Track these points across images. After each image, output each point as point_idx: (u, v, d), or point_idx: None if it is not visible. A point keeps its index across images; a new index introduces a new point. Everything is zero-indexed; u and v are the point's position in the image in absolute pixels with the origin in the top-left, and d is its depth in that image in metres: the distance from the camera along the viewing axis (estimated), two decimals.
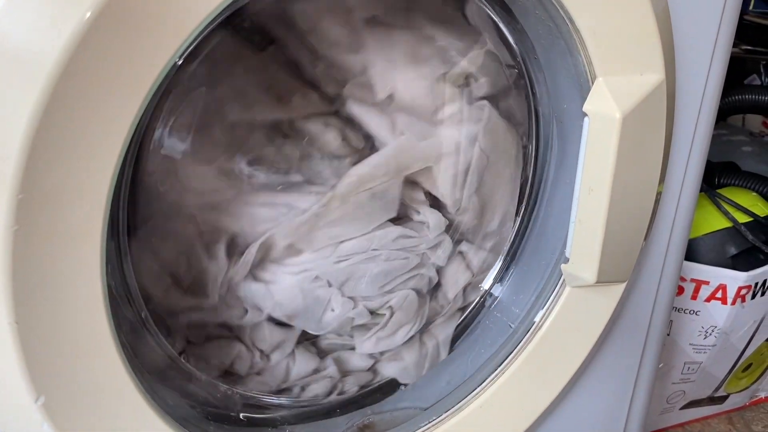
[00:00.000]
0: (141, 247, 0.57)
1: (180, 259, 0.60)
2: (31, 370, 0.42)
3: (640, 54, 0.59)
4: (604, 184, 0.60)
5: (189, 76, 0.55)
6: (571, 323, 0.68)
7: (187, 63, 0.54)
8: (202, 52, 0.55)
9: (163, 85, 0.43)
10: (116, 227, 0.55)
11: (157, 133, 0.56)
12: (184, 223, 0.59)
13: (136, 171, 0.55)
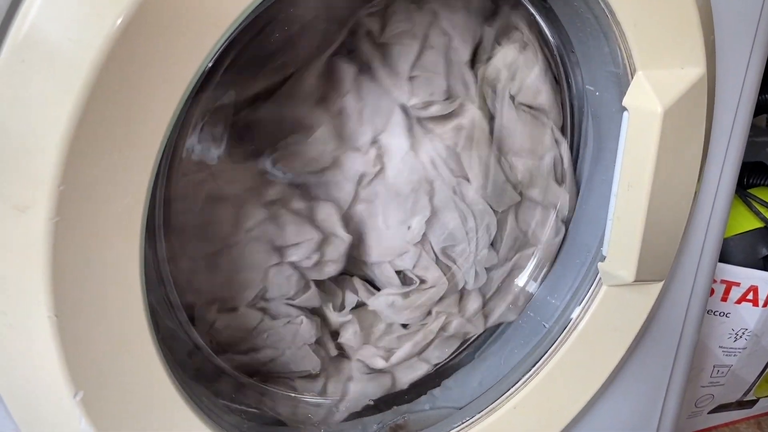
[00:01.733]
0: (175, 244, 0.57)
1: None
2: (69, 364, 0.42)
3: (681, 47, 0.58)
4: (643, 181, 0.58)
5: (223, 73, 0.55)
6: (608, 323, 0.67)
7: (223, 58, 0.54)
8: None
9: (202, 78, 0.42)
10: (153, 222, 0.55)
11: (191, 131, 0.56)
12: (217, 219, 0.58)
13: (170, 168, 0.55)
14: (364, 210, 0.65)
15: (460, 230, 0.68)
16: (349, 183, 0.63)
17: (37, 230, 0.38)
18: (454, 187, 0.67)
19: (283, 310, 0.65)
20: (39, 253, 0.39)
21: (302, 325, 0.66)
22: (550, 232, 0.72)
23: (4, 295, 0.40)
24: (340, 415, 0.69)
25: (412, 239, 0.67)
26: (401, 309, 0.69)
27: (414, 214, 0.65)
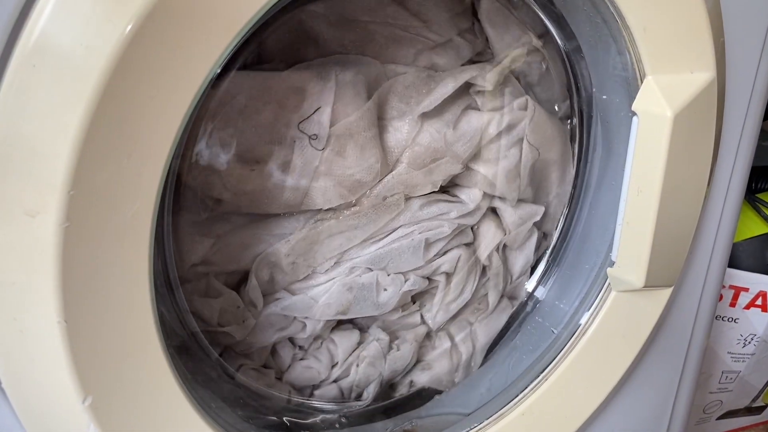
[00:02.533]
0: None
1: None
2: (78, 369, 0.42)
3: (690, 52, 0.57)
4: (653, 185, 0.58)
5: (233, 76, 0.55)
6: (617, 328, 0.66)
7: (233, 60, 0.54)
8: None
9: (212, 82, 0.42)
10: (161, 228, 0.55)
11: (200, 137, 0.56)
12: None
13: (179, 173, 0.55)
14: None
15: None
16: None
17: (47, 235, 0.38)
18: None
19: (345, 366, 0.67)
20: (49, 259, 0.39)
21: (369, 355, 0.67)
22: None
23: (14, 301, 0.40)
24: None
25: (395, 294, 0.65)
26: (455, 300, 0.69)
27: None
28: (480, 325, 0.72)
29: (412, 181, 0.61)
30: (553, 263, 0.75)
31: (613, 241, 0.63)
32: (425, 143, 0.61)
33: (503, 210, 0.70)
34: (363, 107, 0.57)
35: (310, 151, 0.56)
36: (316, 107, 0.56)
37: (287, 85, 0.55)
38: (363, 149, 0.58)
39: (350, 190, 0.58)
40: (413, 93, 0.61)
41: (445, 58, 0.62)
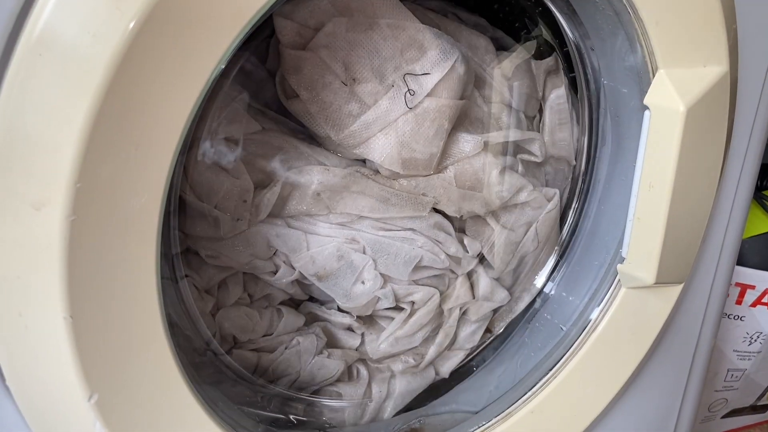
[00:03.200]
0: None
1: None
2: (85, 366, 0.41)
3: (703, 45, 0.57)
4: (665, 180, 0.57)
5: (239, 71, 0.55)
6: (627, 325, 0.65)
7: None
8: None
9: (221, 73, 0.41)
10: (168, 226, 0.54)
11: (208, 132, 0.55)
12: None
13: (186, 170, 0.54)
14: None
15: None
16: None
17: (53, 229, 0.38)
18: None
19: (275, 340, 0.65)
20: (55, 253, 0.38)
21: (301, 344, 0.65)
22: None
23: (19, 296, 0.39)
24: (388, 413, 0.70)
25: (369, 292, 0.65)
26: (406, 336, 0.68)
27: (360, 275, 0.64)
28: (401, 378, 0.71)
29: (449, 193, 0.63)
30: (561, 259, 0.74)
31: (624, 237, 0.63)
32: (476, 167, 0.63)
33: (481, 276, 0.71)
34: (456, 101, 0.59)
35: (399, 102, 0.57)
36: (427, 72, 0.57)
37: (417, 38, 0.57)
38: (435, 134, 0.59)
39: (404, 162, 0.59)
40: (479, 125, 0.65)
41: (510, 120, 0.67)
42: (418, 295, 0.67)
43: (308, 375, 0.67)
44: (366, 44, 0.56)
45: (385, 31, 0.56)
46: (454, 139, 0.62)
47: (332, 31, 0.55)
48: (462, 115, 0.62)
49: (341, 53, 0.55)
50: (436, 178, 0.62)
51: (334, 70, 0.55)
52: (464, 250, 0.67)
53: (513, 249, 0.70)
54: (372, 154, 0.58)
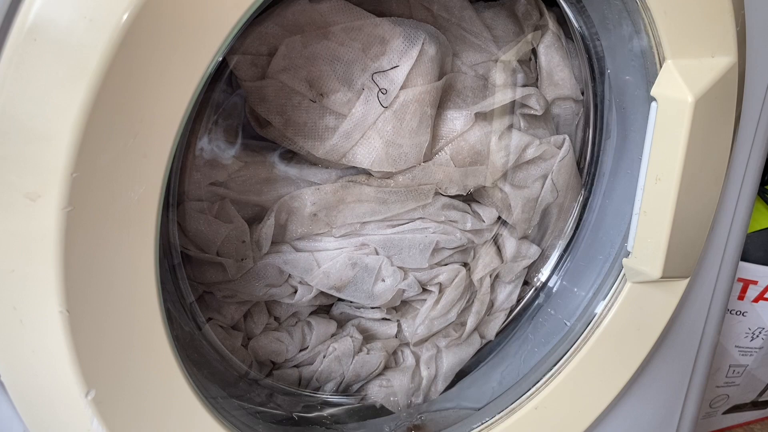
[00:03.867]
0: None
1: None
2: (82, 362, 0.40)
3: (712, 35, 0.56)
4: (672, 173, 0.56)
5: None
6: (632, 320, 0.65)
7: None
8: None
9: (220, 62, 0.40)
10: (166, 220, 0.53)
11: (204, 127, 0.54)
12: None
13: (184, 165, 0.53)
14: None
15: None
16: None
17: (48, 220, 0.36)
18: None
19: (312, 352, 0.65)
20: (50, 245, 0.37)
21: (338, 350, 0.65)
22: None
23: (14, 289, 0.38)
24: (440, 387, 0.70)
25: (391, 288, 0.64)
26: (441, 316, 0.67)
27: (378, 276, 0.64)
28: (447, 352, 0.71)
29: (449, 175, 0.61)
30: (566, 253, 0.73)
31: (629, 230, 0.62)
32: (471, 141, 0.61)
33: (506, 239, 0.70)
34: (434, 83, 0.57)
35: (374, 104, 0.55)
36: (395, 65, 0.55)
37: (376, 33, 0.55)
38: (419, 124, 0.57)
39: (394, 160, 0.57)
40: (470, 93, 0.62)
41: (501, 76, 0.63)
42: (443, 275, 0.66)
43: (353, 374, 0.67)
44: (324, 55, 0.54)
45: (341, 37, 0.54)
46: (441, 119, 0.60)
47: (286, 52, 0.53)
48: (448, 89, 0.60)
49: (302, 71, 0.54)
50: (432, 165, 0.60)
51: (299, 90, 0.54)
52: (480, 221, 0.66)
53: (532, 206, 0.68)
54: (359, 161, 0.57)
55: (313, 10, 0.54)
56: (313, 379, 0.66)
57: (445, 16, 0.61)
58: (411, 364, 0.69)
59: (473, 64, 0.62)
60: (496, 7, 0.63)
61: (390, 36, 0.55)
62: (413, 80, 0.56)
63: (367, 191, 0.58)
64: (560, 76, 0.66)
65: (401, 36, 0.55)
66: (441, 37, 0.59)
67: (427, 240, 0.62)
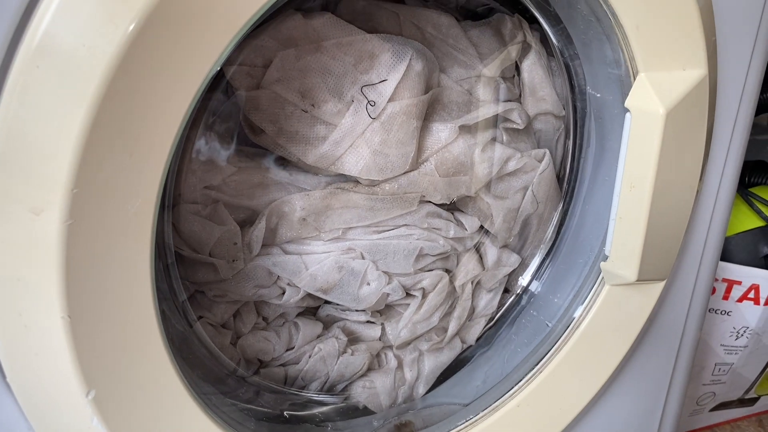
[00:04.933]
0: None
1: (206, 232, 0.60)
2: (82, 364, 0.43)
3: (683, 49, 0.58)
4: (646, 181, 0.59)
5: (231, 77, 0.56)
6: (610, 321, 0.67)
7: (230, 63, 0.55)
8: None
9: (212, 80, 0.43)
10: (162, 222, 0.55)
11: (201, 132, 0.56)
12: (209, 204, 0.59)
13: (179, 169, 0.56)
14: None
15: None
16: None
17: (51, 233, 0.39)
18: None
19: (298, 352, 0.68)
20: (53, 255, 0.40)
21: (323, 350, 0.67)
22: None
23: (19, 297, 0.41)
24: (422, 390, 0.73)
25: (376, 291, 0.67)
26: (423, 320, 0.70)
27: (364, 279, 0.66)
28: (429, 355, 0.74)
29: (434, 184, 0.64)
30: (547, 257, 0.76)
31: (607, 235, 0.64)
32: (455, 153, 0.64)
33: (488, 248, 0.73)
34: (420, 97, 0.60)
35: (363, 115, 0.58)
36: (383, 79, 0.58)
37: (366, 48, 0.58)
38: (406, 135, 0.60)
39: (381, 169, 0.60)
40: (455, 107, 0.65)
41: (486, 91, 0.66)
42: (427, 281, 0.69)
43: (337, 374, 0.69)
44: (316, 68, 0.57)
45: (333, 51, 0.57)
46: (427, 131, 0.63)
47: (281, 64, 0.56)
48: (434, 103, 0.63)
49: (295, 83, 0.56)
50: (417, 174, 0.63)
51: (292, 100, 0.57)
52: (463, 229, 0.69)
53: (513, 216, 0.71)
54: (347, 169, 0.59)
55: (307, 25, 0.56)
56: (298, 378, 0.68)
57: (433, 33, 0.64)
58: (394, 366, 0.72)
59: (459, 80, 0.65)
60: (482, 26, 0.66)
61: (379, 51, 0.58)
62: (400, 93, 0.59)
63: (354, 198, 0.61)
64: (543, 92, 0.69)
65: (390, 51, 0.58)
66: (428, 53, 0.61)
67: (411, 246, 0.65)
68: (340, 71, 0.57)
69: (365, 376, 0.71)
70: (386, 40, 0.58)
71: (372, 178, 0.60)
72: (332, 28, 0.57)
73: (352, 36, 0.57)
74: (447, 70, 0.65)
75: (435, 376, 0.74)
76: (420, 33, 0.63)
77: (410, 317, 0.69)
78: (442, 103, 0.64)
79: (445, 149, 0.63)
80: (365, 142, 0.59)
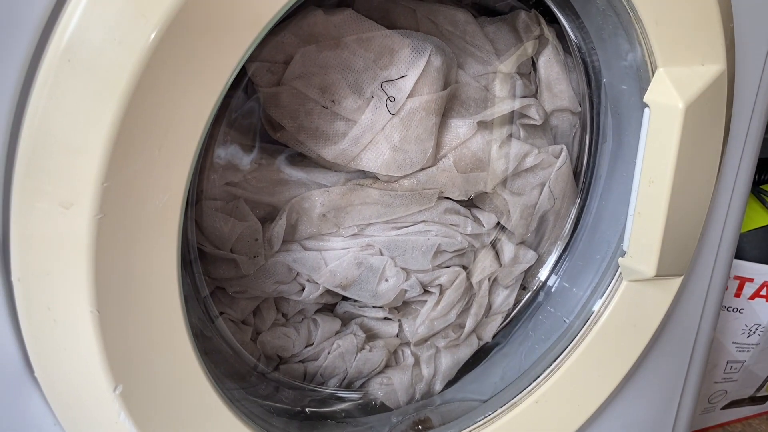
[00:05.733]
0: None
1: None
2: (110, 359, 0.43)
3: (701, 43, 0.58)
4: (665, 176, 0.59)
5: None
6: (628, 317, 0.67)
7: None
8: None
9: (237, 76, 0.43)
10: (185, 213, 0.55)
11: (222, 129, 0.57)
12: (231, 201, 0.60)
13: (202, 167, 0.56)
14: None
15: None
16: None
17: (80, 227, 0.39)
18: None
19: (317, 348, 0.68)
20: (82, 249, 0.40)
21: (342, 347, 0.68)
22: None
23: (49, 291, 0.41)
24: (439, 386, 0.73)
25: (394, 288, 0.67)
26: (441, 317, 0.70)
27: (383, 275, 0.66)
28: (446, 352, 0.74)
29: (452, 180, 0.64)
30: (564, 253, 0.76)
31: (625, 231, 0.64)
32: (473, 149, 0.64)
33: (504, 244, 0.73)
34: (439, 92, 0.60)
35: (382, 111, 0.58)
36: (403, 74, 0.58)
37: (387, 44, 0.58)
38: (425, 131, 0.60)
39: (400, 165, 0.60)
40: (472, 103, 0.65)
41: (503, 87, 0.66)
42: (444, 277, 0.69)
43: (355, 371, 0.69)
44: (337, 64, 0.57)
45: (353, 47, 0.57)
46: (446, 127, 0.63)
47: (301, 60, 0.56)
48: (452, 99, 0.63)
49: (315, 79, 0.57)
50: (436, 170, 0.63)
51: (312, 96, 0.57)
52: (480, 225, 0.69)
53: (530, 212, 0.71)
54: (367, 165, 0.60)
55: (328, 21, 0.57)
56: (317, 375, 0.68)
57: (450, 30, 0.64)
58: (411, 363, 0.72)
59: (476, 75, 0.65)
60: (498, 22, 0.66)
61: (399, 47, 0.58)
62: (420, 89, 0.59)
63: (373, 194, 0.61)
64: (559, 88, 0.69)
65: (409, 47, 0.58)
66: (447, 49, 0.62)
67: (429, 242, 0.65)
68: (361, 67, 0.57)
69: (383, 372, 0.71)
70: (406, 35, 0.58)
71: (391, 174, 0.60)
72: (353, 24, 0.57)
73: (372, 32, 0.58)
74: (464, 66, 0.65)
75: (452, 373, 0.74)
76: (437, 29, 0.63)
77: (427, 314, 0.69)
78: (460, 100, 0.64)
79: (464, 145, 0.63)
80: (385, 138, 0.59)
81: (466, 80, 0.64)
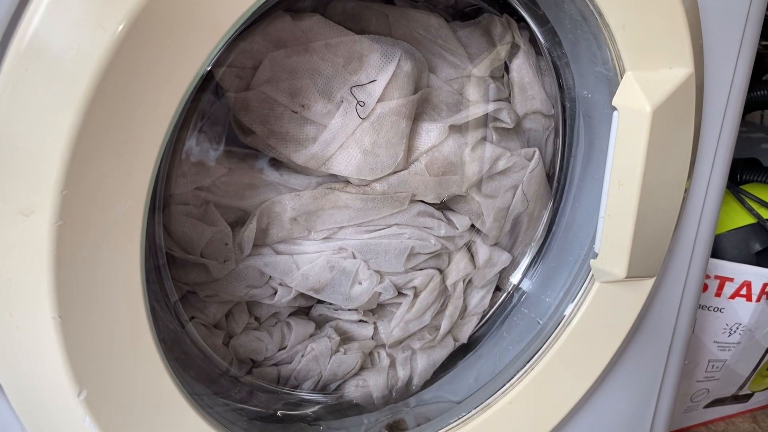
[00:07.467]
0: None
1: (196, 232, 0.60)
2: (73, 364, 0.43)
3: (669, 48, 0.59)
4: (634, 179, 0.59)
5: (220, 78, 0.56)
6: (600, 318, 0.68)
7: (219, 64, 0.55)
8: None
9: (201, 81, 0.43)
10: (152, 223, 0.56)
11: (190, 133, 0.57)
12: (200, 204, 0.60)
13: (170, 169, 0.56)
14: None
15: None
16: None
17: (41, 234, 0.40)
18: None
19: (291, 352, 0.68)
20: (43, 256, 0.40)
21: (316, 349, 0.68)
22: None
23: (10, 298, 0.41)
24: (415, 388, 0.74)
25: (368, 290, 0.67)
26: (415, 319, 0.70)
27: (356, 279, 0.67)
28: (422, 354, 0.74)
29: (425, 183, 0.64)
30: (538, 255, 0.76)
31: (596, 233, 0.65)
32: (445, 153, 0.64)
33: (479, 246, 0.73)
34: (409, 97, 0.60)
35: (352, 116, 0.58)
36: (372, 79, 0.59)
37: (355, 49, 0.58)
38: (396, 135, 0.60)
39: (371, 169, 0.61)
40: (444, 107, 0.65)
41: (476, 91, 0.67)
42: (418, 279, 0.69)
43: (330, 374, 0.70)
44: (306, 69, 0.57)
45: (322, 52, 0.57)
46: (417, 131, 0.63)
47: (270, 65, 0.56)
48: (424, 103, 0.64)
49: (284, 84, 0.57)
50: (408, 173, 0.63)
51: (281, 101, 0.57)
52: (454, 228, 0.69)
53: (503, 214, 0.72)
54: (338, 169, 0.60)
55: (296, 26, 0.57)
56: (291, 378, 0.69)
57: (422, 34, 0.64)
58: (386, 365, 0.72)
59: (449, 79, 0.66)
60: (471, 26, 0.67)
61: (368, 52, 0.58)
62: (390, 94, 0.59)
63: (345, 198, 0.61)
64: (532, 92, 0.69)
65: (379, 52, 0.58)
66: (417, 53, 0.62)
67: (402, 245, 0.65)
68: (330, 72, 0.58)
69: (358, 374, 0.71)
70: (375, 41, 0.59)
71: (363, 178, 0.61)
72: (321, 29, 0.58)
73: (341, 37, 0.58)
74: (437, 70, 0.65)
75: (428, 374, 0.75)
76: (410, 34, 0.64)
77: (402, 316, 0.70)
78: (432, 104, 0.64)
79: (436, 149, 0.64)
80: (355, 142, 0.59)
81: (438, 84, 0.65)
